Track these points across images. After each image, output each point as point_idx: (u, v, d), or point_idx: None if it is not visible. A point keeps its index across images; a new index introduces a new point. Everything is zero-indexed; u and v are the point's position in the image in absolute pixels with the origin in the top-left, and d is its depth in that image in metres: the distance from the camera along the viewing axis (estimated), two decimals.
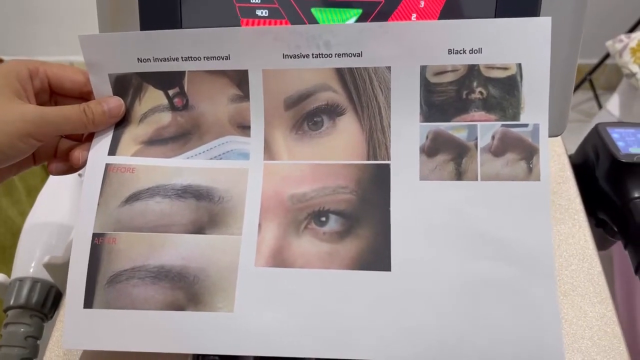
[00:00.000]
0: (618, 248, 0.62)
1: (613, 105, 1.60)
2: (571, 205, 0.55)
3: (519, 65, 0.41)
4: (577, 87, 1.96)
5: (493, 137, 0.41)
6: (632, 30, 1.73)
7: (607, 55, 1.69)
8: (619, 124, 0.57)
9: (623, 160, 0.53)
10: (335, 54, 0.42)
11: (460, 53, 0.41)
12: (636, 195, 0.52)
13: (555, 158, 0.59)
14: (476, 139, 0.41)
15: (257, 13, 0.46)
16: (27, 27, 2.11)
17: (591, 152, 0.57)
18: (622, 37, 1.53)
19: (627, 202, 0.52)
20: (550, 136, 0.45)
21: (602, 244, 0.59)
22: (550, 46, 0.40)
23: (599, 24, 1.91)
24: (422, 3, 0.45)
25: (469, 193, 0.40)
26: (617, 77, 1.76)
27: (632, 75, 1.46)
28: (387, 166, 0.41)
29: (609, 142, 0.55)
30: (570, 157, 0.62)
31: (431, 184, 0.41)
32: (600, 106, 1.86)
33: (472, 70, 0.41)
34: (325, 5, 0.45)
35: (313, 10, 0.45)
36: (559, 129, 0.46)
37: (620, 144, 0.55)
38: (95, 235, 0.41)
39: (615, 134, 0.56)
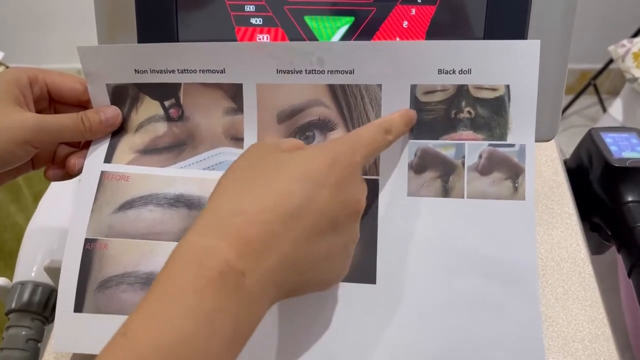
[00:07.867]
0: None
1: (616, 110, 1.60)
2: (564, 209, 0.55)
3: (507, 87, 0.41)
4: (581, 92, 1.95)
5: (480, 156, 0.41)
6: (636, 35, 1.73)
7: (612, 60, 1.68)
8: (613, 128, 0.58)
9: (616, 165, 0.53)
10: (328, 71, 0.42)
11: (450, 73, 0.41)
12: (629, 199, 0.52)
13: (549, 163, 0.60)
14: (464, 157, 0.41)
15: (251, 21, 0.46)
16: (35, 35, 2.13)
17: (585, 157, 0.58)
18: (625, 42, 1.53)
19: (619, 205, 0.52)
20: (541, 141, 0.45)
21: (598, 248, 0.59)
22: (541, 53, 0.40)
23: (603, 29, 1.91)
24: (414, 11, 0.46)
25: (456, 210, 0.41)
26: (622, 82, 1.76)
27: (635, 79, 1.46)
28: (376, 181, 0.42)
29: (602, 146, 0.55)
30: (566, 162, 0.62)
31: (418, 200, 0.41)
32: (605, 111, 1.85)
33: (461, 90, 0.41)
34: (318, 13, 0.46)
35: (306, 18, 0.46)
36: (550, 134, 0.47)
37: (613, 148, 0.55)
38: (88, 241, 0.42)
39: (609, 138, 0.56)
